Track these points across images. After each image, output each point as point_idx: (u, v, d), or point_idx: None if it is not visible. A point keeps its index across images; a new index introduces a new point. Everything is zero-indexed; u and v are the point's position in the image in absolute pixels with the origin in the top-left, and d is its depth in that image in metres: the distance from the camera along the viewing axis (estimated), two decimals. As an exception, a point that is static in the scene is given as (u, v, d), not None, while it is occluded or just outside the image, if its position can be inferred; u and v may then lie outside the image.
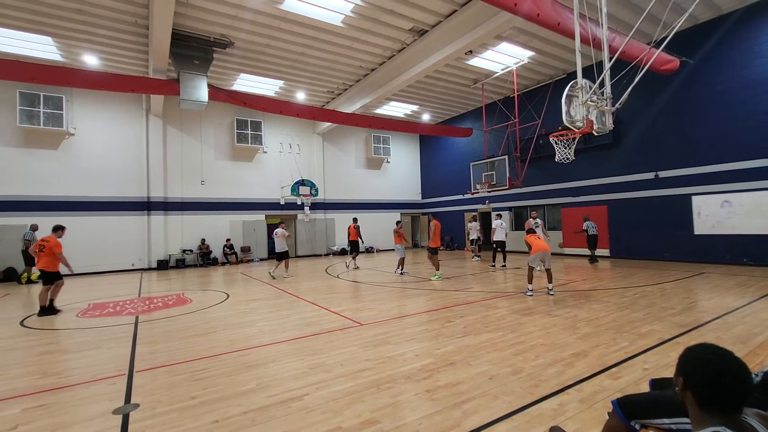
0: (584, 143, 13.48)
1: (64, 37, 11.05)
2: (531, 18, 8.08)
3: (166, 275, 13.36)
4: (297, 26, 10.78)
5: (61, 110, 13.53)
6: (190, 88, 11.69)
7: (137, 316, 6.73)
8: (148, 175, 15.25)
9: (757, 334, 4.49)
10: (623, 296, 6.98)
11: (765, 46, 10.10)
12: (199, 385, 3.59)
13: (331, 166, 20.12)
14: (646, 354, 4.01)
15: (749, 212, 10.40)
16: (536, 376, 3.51)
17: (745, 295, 6.75)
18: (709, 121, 11.13)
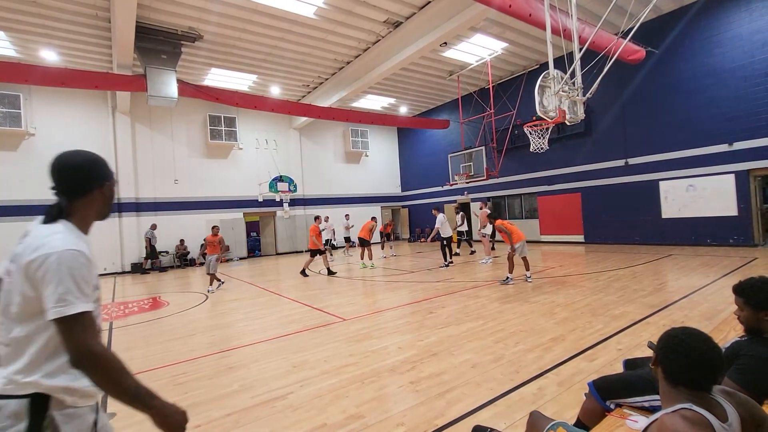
0: (558, 133, 13.80)
1: (17, 31, 10.39)
2: (503, 9, 8.15)
3: (141, 279, 12.95)
4: (269, 18, 10.50)
5: (18, 109, 12.78)
6: (159, 84, 11.24)
7: (111, 322, 6.50)
8: (117, 176, 14.64)
9: (721, 311, 4.74)
10: (597, 280, 7.23)
11: (724, 35, 10.55)
12: (179, 389, 3.51)
13: (309, 162, 19.87)
14: (620, 335, 4.18)
15: (712, 195, 10.94)
16: (516, 362, 3.60)
17: (709, 274, 7.12)
18: (673, 108, 11.58)
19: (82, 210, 1.32)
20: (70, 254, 1.14)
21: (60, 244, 1.14)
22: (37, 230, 1.21)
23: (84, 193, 1.31)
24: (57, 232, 1.19)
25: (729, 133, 10.54)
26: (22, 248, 1.18)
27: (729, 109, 10.50)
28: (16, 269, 1.16)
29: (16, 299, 1.14)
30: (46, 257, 1.11)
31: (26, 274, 1.13)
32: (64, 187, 1.29)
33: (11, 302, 1.15)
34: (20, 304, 1.14)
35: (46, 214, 1.24)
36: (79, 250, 1.18)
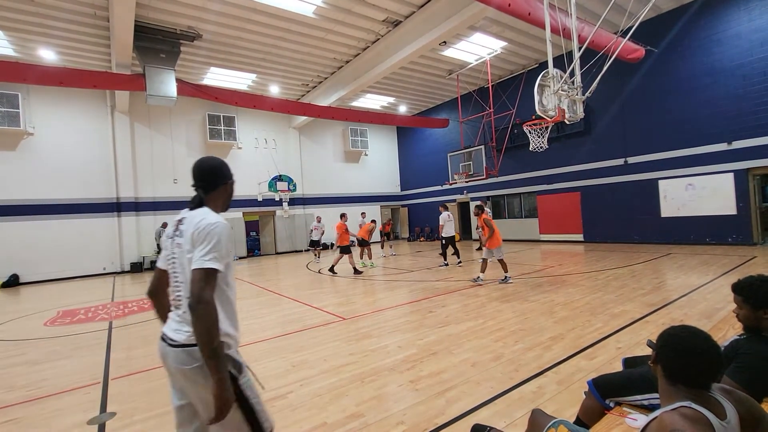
0: (557, 132, 13.81)
1: (16, 30, 10.36)
2: (503, 8, 8.15)
3: (140, 278, 12.94)
4: (268, 17, 10.49)
5: (17, 108, 12.74)
6: (157, 83, 11.22)
7: (111, 322, 6.50)
8: (117, 175, 14.63)
9: (720, 309, 4.75)
10: (597, 279, 7.24)
11: (723, 34, 10.55)
12: (178, 389, 3.50)
13: (308, 161, 19.86)
14: (619, 334, 4.18)
15: (710, 194, 10.95)
16: (516, 361, 3.60)
17: (708, 273, 7.13)
18: (673, 107, 11.59)
19: (213, 201, 1.66)
20: (224, 225, 1.52)
21: (215, 218, 1.53)
22: (191, 213, 1.59)
23: (215, 188, 1.68)
24: (208, 212, 1.57)
25: (728, 132, 10.55)
26: (185, 227, 1.55)
27: (728, 108, 10.51)
28: (184, 240, 1.52)
29: (186, 266, 1.49)
30: (208, 225, 1.48)
31: (191, 240, 1.49)
32: (202, 183, 1.66)
33: (183, 269, 1.52)
34: (187, 269, 1.48)
35: (191, 203, 1.64)
36: (227, 225, 1.55)
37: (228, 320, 1.54)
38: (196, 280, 1.40)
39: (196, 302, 1.36)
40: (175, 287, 1.57)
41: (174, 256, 1.57)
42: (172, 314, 1.59)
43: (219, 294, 1.47)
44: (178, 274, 1.56)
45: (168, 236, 1.64)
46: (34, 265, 13.16)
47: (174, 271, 1.58)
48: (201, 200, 1.63)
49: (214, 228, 1.47)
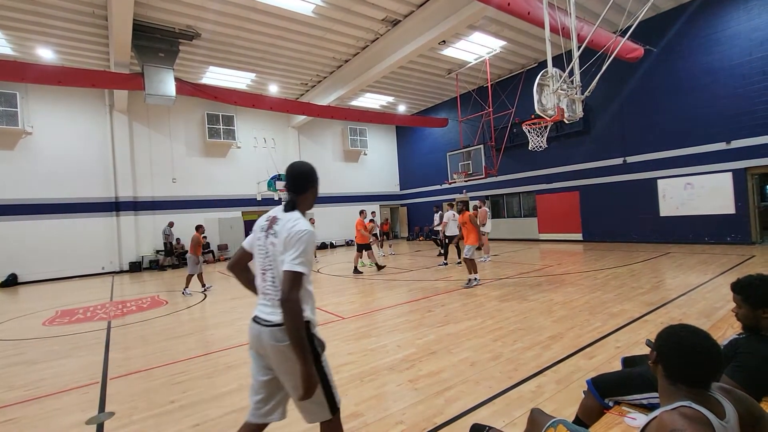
0: (556, 131, 13.80)
1: (14, 29, 10.33)
2: (502, 7, 8.14)
3: (139, 277, 12.92)
4: (267, 16, 10.46)
5: (15, 108, 12.71)
6: (156, 83, 11.20)
7: (109, 321, 6.49)
8: (115, 175, 14.60)
9: (719, 309, 4.76)
10: (595, 278, 7.25)
11: (722, 34, 10.56)
12: (177, 388, 3.50)
13: (307, 160, 18.73)
14: (618, 333, 4.19)
15: (709, 194, 10.96)
16: (515, 360, 3.60)
17: (707, 272, 7.14)
18: (671, 107, 11.60)
19: (303, 202, 1.91)
20: (311, 233, 1.74)
21: (306, 226, 1.74)
22: (285, 215, 1.82)
23: (305, 191, 1.93)
24: (300, 218, 1.79)
25: (727, 131, 10.56)
26: (279, 228, 1.78)
27: (727, 107, 10.52)
28: (278, 241, 1.75)
29: (279, 261, 1.73)
30: (299, 232, 1.71)
31: (285, 242, 1.71)
32: (294, 186, 1.92)
33: (277, 264, 1.75)
34: (279, 267, 1.72)
35: (286, 205, 1.87)
36: (313, 232, 1.76)
37: (310, 309, 1.77)
38: (286, 280, 1.64)
39: (285, 299, 1.62)
40: (268, 277, 1.81)
41: (268, 252, 1.80)
42: (264, 299, 1.84)
43: (302, 290, 1.70)
44: (271, 268, 1.79)
45: (261, 228, 1.86)
46: (32, 265, 13.13)
47: (268, 265, 1.80)
48: (294, 202, 1.87)
49: (303, 235, 1.71)
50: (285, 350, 1.69)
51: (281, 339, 1.70)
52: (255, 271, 1.89)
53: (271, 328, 1.74)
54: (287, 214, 1.81)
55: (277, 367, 1.77)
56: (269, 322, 1.75)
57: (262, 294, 1.84)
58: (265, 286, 1.82)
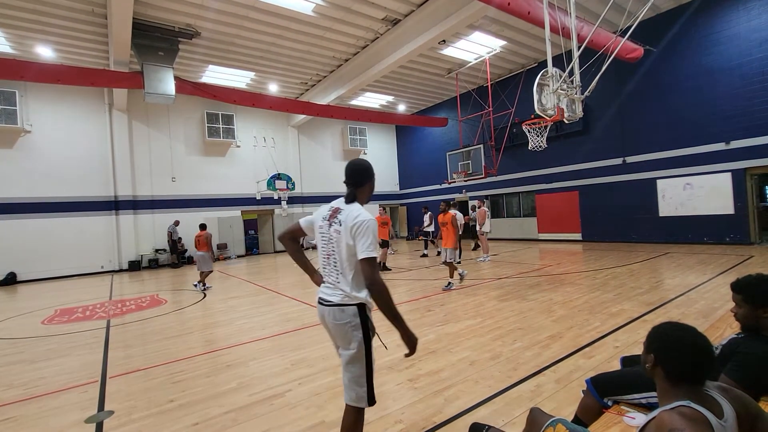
0: (556, 131, 13.81)
1: (13, 27, 10.31)
2: (502, 7, 8.14)
3: (138, 276, 12.91)
4: (266, 15, 10.45)
5: (14, 106, 12.67)
6: (156, 81, 11.18)
7: (109, 320, 6.48)
8: (114, 173, 14.58)
9: (717, 309, 4.77)
10: (595, 278, 7.26)
11: (722, 34, 10.57)
12: (176, 387, 3.50)
13: (307, 159, 19.83)
14: (617, 332, 4.19)
15: (708, 194, 10.98)
16: (514, 360, 3.61)
17: (705, 272, 7.15)
18: (671, 107, 11.61)
19: (361, 194, 2.09)
20: (374, 222, 1.92)
21: (368, 216, 1.92)
22: (347, 206, 2.01)
23: (363, 185, 2.09)
24: (361, 210, 1.97)
25: (726, 131, 10.57)
26: (343, 217, 1.95)
27: (726, 107, 10.53)
28: (342, 229, 1.93)
29: (343, 247, 1.92)
30: (363, 222, 1.88)
31: (350, 232, 1.89)
32: (354, 181, 2.07)
33: (341, 249, 1.93)
34: (345, 250, 1.92)
35: (347, 197, 2.05)
36: (375, 220, 1.95)
37: (365, 292, 1.94)
38: (367, 267, 1.85)
39: (371, 283, 1.83)
40: (331, 262, 2.01)
41: (331, 238, 1.99)
42: (327, 281, 2.04)
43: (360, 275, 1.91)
44: (335, 254, 1.98)
45: (324, 218, 2.06)
46: (31, 264, 13.11)
47: (332, 250, 2.00)
48: (354, 194, 2.05)
49: (369, 224, 1.89)
50: (342, 327, 1.94)
51: (339, 318, 1.94)
52: (318, 255, 2.12)
53: (331, 308, 1.97)
54: (349, 206, 2.00)
55: (338, 342, 2.03)
56: (330, 302, 1.98)
57: (327, 276, 2.05)
58: (329, 270, 2.03)
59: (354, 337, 1.93)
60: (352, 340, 1.93)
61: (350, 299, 1.94)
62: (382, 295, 1.83)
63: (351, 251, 1.89)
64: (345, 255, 1.91)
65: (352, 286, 1.92)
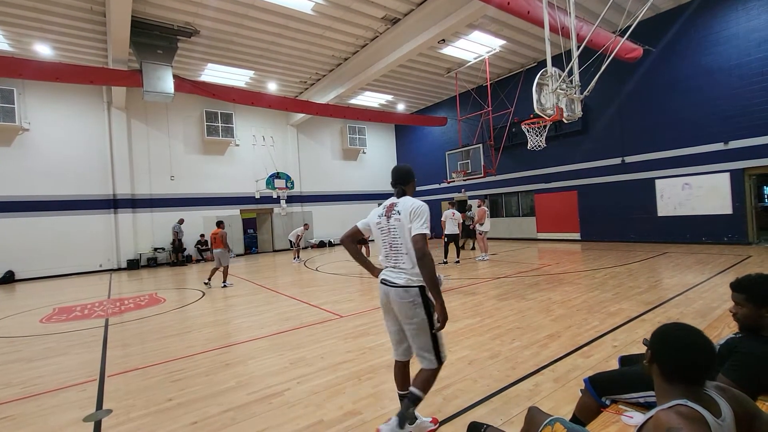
0: (555, 131, 13.81)
1: (11, 24, 10.26)
2: (502, 6, 8.13)
3: (137, 275, 12.90)
4: (266, 14, 10.43)
5: (12, 104, 12.63)
6: (154, 79, 11.15)
7: (107, 319, 6.48)
8: (113, 172, 14.55)
9: (715, 308, 4.78)
10: (593, 278, 7.27)
11: (721, 34, 10.58)
12: (175, 386, 3.50)
13: (306, 158, 19.81)
14: (615, 332, 4.20)
15: (707, 194, 11.00)
16: (513, 359, 3.61)
17: (704, 272, 7.17)
18: (670, 107, 11.62)
19: (408, 191, 2.52)
20: (426, 206, 2.34)
21: (420, 202, 2.34)
22: (400, 200, 2.42)
23: (408, 183, 2.53)
24: (412, 198, 2.43)
25: (724, 131, 10.59)
26: (400, 208, 2.35)
27: (725, 107, 10.55)
28: (402, 216, 2.31)
29: (405, 232, 2.29)
30: (419, 207, 2.31)
31: (409, 216, 2.28)
32: (401, 181, 2.52)
33: (403, 234, 2.30)
34: (407, 234, 2.28)
35: (398, 193, 2.49)
36: (427, 205, 2.37)
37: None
38: (419, 240, 2.19)
39: (422, 255, 2.16)
40: (395, 249, 2.36)
41: (392, 228, 2.36)
42: (391, 265, 2.39)
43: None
44: (398, 241, 2.33)
45: (380, 215, 2.46)
46: (29, 262, 13.08)
47: (393, 238, 2.35)
48: (403, 191, 2.48)
49: (422, 207, 2.30)
50: (406, 305, 2.28)
51: (403, 297, 2.29)
52: (378, 246, 2.49)
53: (396, 289, 2.31)
54: (402, 199, 2.43)
55: (401, 317, 2.35)
56: (395, 284, 2.32)
57: (392, 261, 2.38)
58: (392, 256, 2.38)
59: (416, 314, 2.28)
60: (415, 316, 2.29)
61: (413, 282, 2.30)
62: (429, 267, 2.17)
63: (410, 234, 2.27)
64: (407, 239, 2.29)
65: (414, 266, 2.27)
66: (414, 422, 2.40)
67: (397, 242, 2.33)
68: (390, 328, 2.50)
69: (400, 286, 2.30)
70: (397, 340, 2.49)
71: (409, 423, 2.36)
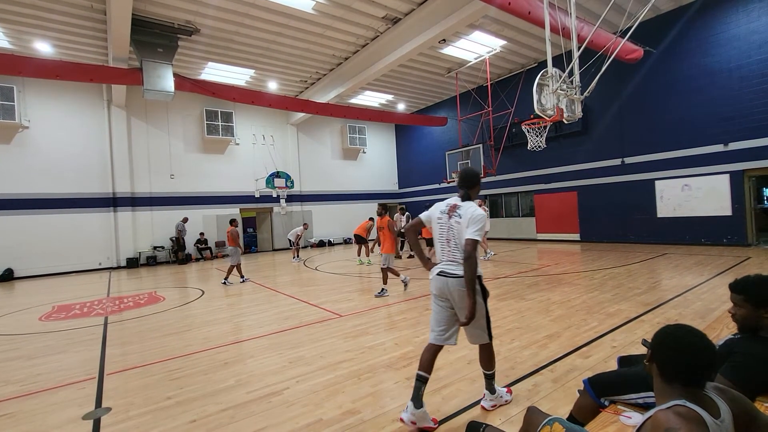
0: (555, 131, 13.82)
1: (11, 22, 10.25)
2: (503, 6, 8.13)
3: (136, 273, 12.89)
4: (266, 13, 10.42)
5: (12, 101, 12.62)
6: (155, 78, 11.14)
7: (106, 317, 6.48)
8: (113, 170, 14.53)
9: (714, 309, 4.79)
10: (593, 278, 7.28)
11: (721, 36, 10.59)
12: (174, 384, 3.50)
13: (306, 157, 19.80)
14: (614, 333, 4.21)
15: (706, 195, 11.01)
16: (512, 359, 3.62)
17: (703, 273, 7.18)
18: (670, 108, 11.63)
19: (472, 194, 2.73)
20: (483, 216, 2.59)
21: (480, 212, 2.59)
22: (464, 203, 2.66)
23: (473, 187, 2.75)
24: (475, 205, 2.64)
25: (724, 133, 10.60)
26: (462, 211, 2.62)
27: (725, 109, 10.56)
28: (462, 220, 2.59)
29: (462, 234, 2.56)
30: (478, 215, 2.56)
31: (468, 220, 2.55)
32: (467, 184, 2.73)
33: (461, 235, 2.58)
34: (463, 235, 2.56)
35: (462, 196, 2.71)
36: (485, 215, 2.65)
37: (480, 266, 2.63)
38: (469, 245, 2.49)
39: (468, 257, 2.48)
40: (450, 245, 2.66)
41: (451, 227, 2.64)
42: (449, 259, 2.67)
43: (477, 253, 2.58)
44: (456, 239, 2.62)
45: (442, 212, 2.71)
46: (28, 260, 13.08)
47: (451, 236, 2.65)
48: (468, 194, 2.70)
49: (480, 217, 2.56)
50: (461, 293, 2.58)
51: (462, 286, 2.56)
52: (435, 238, 2.77)
53: (455, 279, 2.61)
54: (465, 203, 2.66)
55: (457, 304, 2.63)
56: (454, 275, 2.61)
57: (449, 255, 2.67)
58: (448, 251, 2.67)
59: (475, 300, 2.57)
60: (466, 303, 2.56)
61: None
62: (473, 268, 2.49)
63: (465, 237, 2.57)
64: (463, 238, 2.57)
65: None
66: (495, 393, 2.80)
67: (454, 241, 2.64)
68: (439, 315, 2.72)
69: (460, 276, 2.58)
70: (443, 327, 2.71)
71: (491, 392, 2.78)
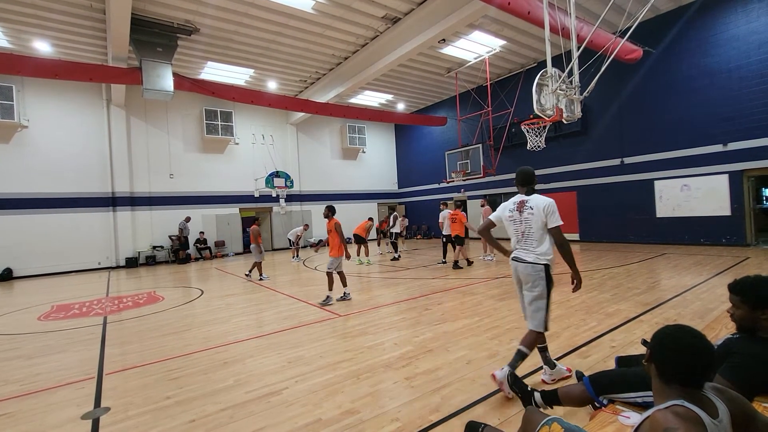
0: (554, 131, 13.83)
1: (10, 21, 10.23)
2: (502, 6, 8.13)
3: (135, 273, 12.88)
4: (266, 12, 10.42)
5: (11, 101, 12.61)
6: (154, 77, 11.13)
7: (105, 317, 6.47)
8: (112, 170, 14.52)
9: (713, 309, 4.79)
10: (592, 278, 7.28)
11: (721, 36, 10.60)
12: (173, 384, 3.50)
13: (306, 157, 19.79)
14: (613, 332, 4.21)
15: (705, 195, 11.02)
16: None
17: (702, 273, 7.19)
18: (669, 108, 11.64)
19: (533, 190, 3.07)
20: (554, 203, 2.93)
21: (550, 201, 2.94)
22: (531, 197, 3.01)
23: (533, 183, 3.11)
24: (542, 197, 2.97)
25: (724, 133, 10.61)
26: (532, 204, 2.97)
27: (724, 109, 10.57)
28: (535, 210, 2.93)
29: (538, 223, 2.93)
30: (551, 204, 2.92)
31: (543, 212, 2.91)
32: (527, 182, 3.10)
33: (536, 226, 2.93)
34: (539, 224, 2.93)
35: (527, 192, 3.08)
36: (554, 203, 2.97)
37: (551, 255, 2.97)
38: (558, 232, 2.89)
39: (561, 242, 2.89)
40: (526, 236, 3.01)
41: (526, 219, 2.98)
42: (523, 246, 3.04)
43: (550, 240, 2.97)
44: (532, 230, 2.96)
45: (511, 209, 3.09)
46: (27, 259, 13.07)
47: (524, 228, 3.00)
48: (532, 190, 3.06)
49: (553, 204, 2.92)
50: (533, 276, 2.94)
51: (531, 271, 2.94)
52: (510, 233, 3.12)
53: (526, 264, 2.98)
54: (533, 197, 3.01)
55: (525, 285, 3.01)
56: (525, 260, 2.99)
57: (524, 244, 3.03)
58: (524, 242, 3.02)
59: (539, 285, 2.94)
60: (537, 286, 2.94)
61: (540, 260, 2.94)
62: (568, 250, 2.89)
63: (543, 226, 2.91)
64: (538, 228, 2.92)
65: (542, 250, 2.93)
66: (554, 368, 3.09)
67: (529, 231, 2.95)
68: (520, 300, 3.14)
69: (529, 262, 2.95)
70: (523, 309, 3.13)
71: (551, 368, 3.08)
